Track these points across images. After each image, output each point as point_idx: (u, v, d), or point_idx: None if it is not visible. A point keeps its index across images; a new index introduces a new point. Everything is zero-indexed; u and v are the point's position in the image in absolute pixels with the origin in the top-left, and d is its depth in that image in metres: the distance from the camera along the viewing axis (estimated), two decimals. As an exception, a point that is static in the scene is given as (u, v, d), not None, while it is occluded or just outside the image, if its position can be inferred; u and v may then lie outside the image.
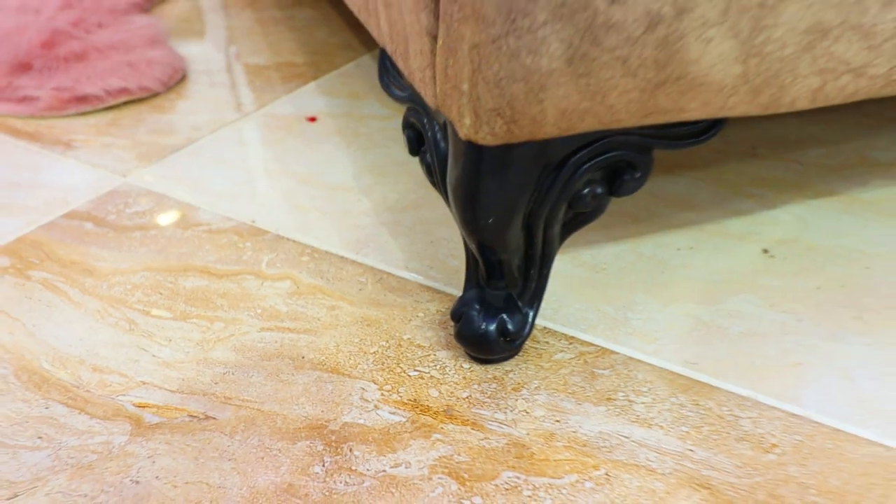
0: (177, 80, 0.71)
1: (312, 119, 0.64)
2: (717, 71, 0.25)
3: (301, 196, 0.53)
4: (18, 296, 0.43)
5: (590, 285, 0.43)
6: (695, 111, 0.27)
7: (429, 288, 0.43)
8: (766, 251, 0.46)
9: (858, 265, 0.45)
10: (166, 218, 0.50)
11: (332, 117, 0.64)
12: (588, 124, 0.27)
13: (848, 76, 0.26)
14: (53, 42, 0.72)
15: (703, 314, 0.41)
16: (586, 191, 0.32)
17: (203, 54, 0.78)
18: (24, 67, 0.67)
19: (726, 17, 0.23)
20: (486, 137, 0.29)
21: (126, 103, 0.67)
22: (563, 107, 0.26)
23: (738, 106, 0.27)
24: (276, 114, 0.65)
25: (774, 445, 0.33)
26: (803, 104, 0.28)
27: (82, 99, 0.65)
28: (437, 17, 0.29)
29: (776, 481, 0.31)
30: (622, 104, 0.26)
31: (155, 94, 0.68)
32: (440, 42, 0.28)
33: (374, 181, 0.54)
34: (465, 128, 0.29)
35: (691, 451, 0.33)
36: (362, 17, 0.45)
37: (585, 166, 0.32)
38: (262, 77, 0.73)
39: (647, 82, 0.25)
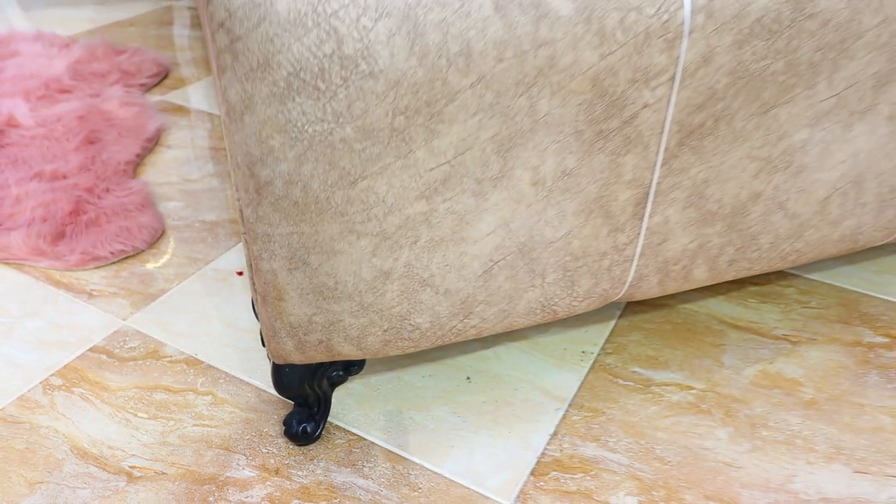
0: (157, 237, 1.09)
1: (240, 273, 1.03)
2: (349, 353, 0.63)
3: (225, 337, 0.91)
4: (69, 404, 0.81)
5: (368, 399, 0.82)
6: (356, 358, 0.65)
7: (284, 401, 0.82)
8: (468, 378, 0.85)
9: (510, 388, 0.83)
10: (147, 352, 0.89)
11: (253, 271, 1.03)
12: (315, 360, 0.66)
13: (409, 343, 0.65)
14: (78, 210, 1.11)
15: (418, 417, 0.79)
16: (333, 374, 0.71)
17: (176, 212, 1.16)
18: (60, 235, 1.06)
19: (348, 340, 0.62)
20: (277, 360, 0.67)
21: (124, 259, 1.05)
22: (300, 359, 0.64)
23: (374, 355, 0.65)
24: (219, 268, 1.04)
25: (420, 487, 0.72)
26: (400, 353, 0.66)
27: (97, 258, 1.03)
28: (255, 303, 0.67)
29: (412, 505, 0.70)
30: (323, 359, 0.64)
31: (142, 251, 1.07)
32: (261, 319, 0.67)
33: (270, 323, 0.93)
34: (271, 356, 0.67)
35: (379, 490, 0.71)
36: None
37: (331, 365, 0.70)
38: (213, 233, 1.11)
39: (327, 356, 0.63)
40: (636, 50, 0.54)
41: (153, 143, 1.36)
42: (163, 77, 1.66)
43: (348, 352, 0.64)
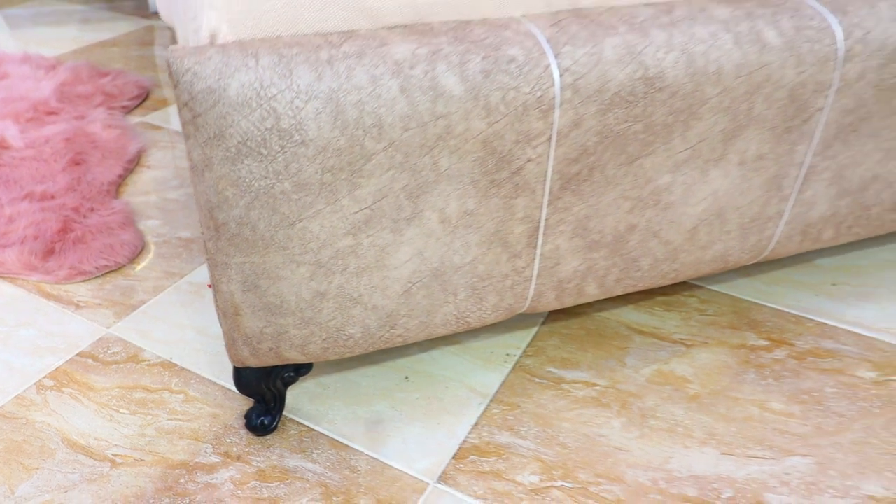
0: (137, 253, 1.22)
1: (210, 286, 1.15)
2: (295, 358, 0.77)
3: (197, 343, 1.04)
4: (60, 402, 0.94)
5: (318, 396, 0.95)
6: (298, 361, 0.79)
7: (246, 398, 0.95)
8: (406, 378, 0.99)
9: (442, 386, 0.97)
10: (128, 356, 1.01)
11: (223, 284, 1.16)
12: (268, 364, 0.79)
13: (342, 347, 0.78)
14: (65, 229, 1.23)
15: (361, 411, 0.93)
16: (285, 375, 0.84)
17: (155, 229, 1.29)
18: (50, 252, 1.18)
19: (293, 348, 0.75)
20: (236, 364, 0.80)
21: (107, 273, 1.18)
22: (255, 363, 0.78)
23: (317, 360, 0.78)
24: (193, 281, 1.17)
25: (358, 470, 0.85)
26: (338, 358, 0.80)
27: (83, 272, 1.16)
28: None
29: (353, 486, 0.83)
30: (274, 363, 0.78)
31: (123, 266, 1.19)
32: (222, 330, 0.80)
33: (237, 331, 1.06)
34: (231, 360, 0.81)
35: (324, 472, 0.85)
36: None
37: (283, 367, 0.84)
38: (188, 249, 1.24)
39: (277, 360, 0.77)
40: (517, 118, 0.68)
41: (134, 163, 1.48)
42: (144, 98, 1.78)
43: (294, 357, 0.77)
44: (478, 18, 0.71)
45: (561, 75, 0.68)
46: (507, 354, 1.03)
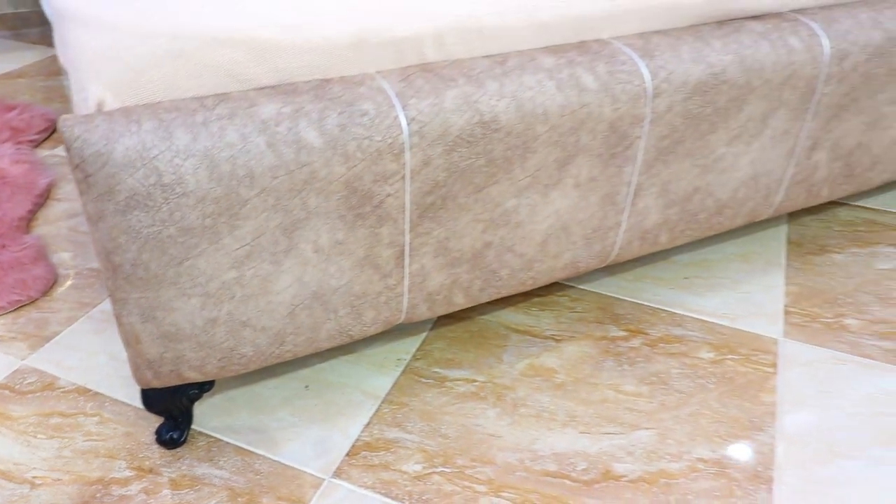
0: (50, 286, 1.28)
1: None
2: (195, 377, 0.87)
3: (109, 368, 1.12)
4: (-22, 432, 1.01)
5: (225, 409, 1.05)
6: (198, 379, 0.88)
7: (156, 416, 1.04)
8: (307, 386, 1.10)
9: (339, 391, 1.08)
10: (43, 385, 1.08)
11: (134, 311, 1.23)
12: (171, 384, 0.89)
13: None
14: (-24, 267, 1.28)
15: (265, 419, 1.03)
16: (190, 392, 0.94)
17: (66, 261, 1.35)
18: (-39, 290, 1.23)
19: (192, 369, 0.85)
20: (143, 385, 0.89)
21: (20, 307, 1.24)
22: (159, 384, 0.87)
23: (215, 377, 0.88)
24: (104, 310, 1.24)
25: (261, 472, 0.96)
26: (234, 374, 0.90)
27: (-4, 308, 1.22)
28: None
29: (257, 487, 0.94)
30: (176, 382, 0.87)
31: (37, 299, 1.25)
32: (127, 356, 0.89)
33: (148, 354, 1.14)
34: (137, 382, 0.90)
35: (230, 477, 0.95)
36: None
37: (186, 386, 0.93)
38: (99, 279, 1.31)
39: (179, 380, 0.86)
40: (373, 162, 0.80)
41: (44, 197, 1.53)
42: (52, 131, 1.82)
43: (194, 376, 0.87)
44: (337, 76, 0.82)
45: (408, 124, 0.80)
46: (398, 359, 1.15)
